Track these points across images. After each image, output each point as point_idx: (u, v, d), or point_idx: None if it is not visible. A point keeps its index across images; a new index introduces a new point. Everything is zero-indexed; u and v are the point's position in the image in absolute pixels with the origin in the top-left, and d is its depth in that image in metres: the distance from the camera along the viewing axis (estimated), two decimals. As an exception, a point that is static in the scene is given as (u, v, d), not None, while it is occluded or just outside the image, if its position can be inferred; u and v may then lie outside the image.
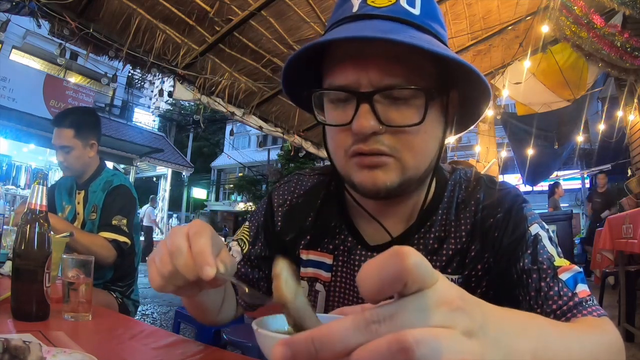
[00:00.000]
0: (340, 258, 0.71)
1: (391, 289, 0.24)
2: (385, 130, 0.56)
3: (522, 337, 0.31)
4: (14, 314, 0.85)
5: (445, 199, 0.68)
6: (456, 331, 0.25)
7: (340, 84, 0.57)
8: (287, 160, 17.46)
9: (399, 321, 0.24)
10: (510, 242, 0.61)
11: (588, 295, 0.56)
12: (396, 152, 0.57)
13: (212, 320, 0.73)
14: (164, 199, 13.53)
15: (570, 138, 5.74)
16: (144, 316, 4.20)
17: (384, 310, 0.24)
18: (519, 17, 4.03)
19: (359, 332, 0.24)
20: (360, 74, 0.55)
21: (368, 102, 0.54)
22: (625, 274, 2.84)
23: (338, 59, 0.57)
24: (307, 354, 0.24)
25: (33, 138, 9.13)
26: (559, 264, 0.58)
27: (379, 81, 0.54)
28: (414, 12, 0.57)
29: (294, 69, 0.62)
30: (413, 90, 0.55)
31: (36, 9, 2.64)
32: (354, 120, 0.55)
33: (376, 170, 0.57)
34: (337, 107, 0.60)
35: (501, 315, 0.31)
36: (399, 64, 0.55)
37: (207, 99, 3.84)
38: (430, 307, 0.25)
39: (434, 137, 0.60)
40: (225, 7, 3.20)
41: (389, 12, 0.56)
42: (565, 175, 9.74)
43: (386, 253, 0.25)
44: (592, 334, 0.47)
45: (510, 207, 0.64)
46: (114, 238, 1.70)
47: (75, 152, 1.81)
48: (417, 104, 0.56)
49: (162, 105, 16.00)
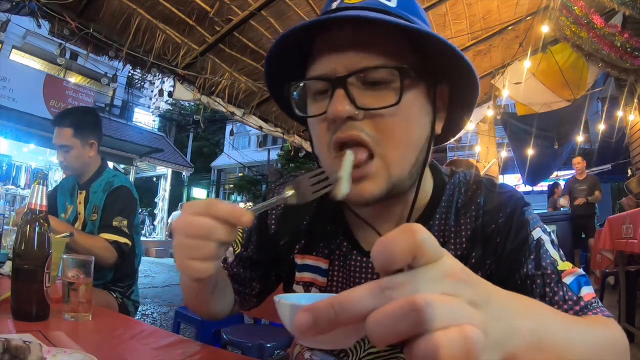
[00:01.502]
0: (336, 263, 0.70)
1: (402, 261, 0.27)
2: (363, 116, 0.54)
3: (522, 317, 0.32)
4: (14, 314, 0.85)
5: (444, 203, 0.66)
6: (462, 299, 0.27)
7: (317, 73, 0.57)
8: (287, 160, 17.46)
9: (410, 287, 0.26)
10: (512, 248, 0.60)
11: (593, 297, 0.56)
12: (377, 146, 0.55)
13: (212, 312, 0.72)
14: (164, 199, 13.53)
15: (570, 138, 5.74)
16: (144, 316, 4.20)
17: (396, 278, 0.27)
18: (519, 17, 4.03)
19: (374, 297, 0.26)
20: (336, 61, 0.55)
21: (342, 87, 0.54)
22: (625, 274, 2.84)
23: (317, 52, 0.58)
24: (327, 318, 0.27)
25: (33, 138, 9.14)
26: (562, 268, 0.58)
27: (354, 65, 0.54)
28: (389, 4, 0.57)
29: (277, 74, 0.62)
30: (389, 72, 0.54)
31: (36, 9, 2.65)
32: (329, 106, 0.54)
33: (362, 182, 0.56)
34: (316, 100, 0.59)
35: (504, 294, 0.32)
36: (375, 47, 0.54)
37: (207, 99, 3.84)
38: (438, 277, 0.27)
39: (418, 125, 0.58)
40: (225, 7, 3.20)
41: (364, 4, 0.56)
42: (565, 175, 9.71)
43: (397, 229, 0.27)
44: (596, 329, 0.46)
45: (512, 212, 0.62)
46: (115, 239, 1.70)
47: (74, 152, 1.81)
48: (394, 87, 0.54)
49: (162, 105, 16.02)
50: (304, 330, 0.27)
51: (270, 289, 0.81)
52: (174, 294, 5.45)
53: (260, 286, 0.79)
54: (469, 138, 6.26)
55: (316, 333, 0.27)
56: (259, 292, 0.79)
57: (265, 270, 0.78)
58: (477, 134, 6.07)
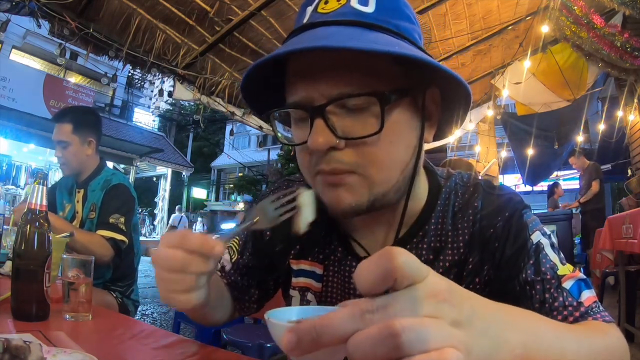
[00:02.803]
0: (330, 268, 0.69)
1: (383, 285, 0.27)
2: (345, 145, 0.52)
3: (512, 330, 0.32)
4: (14, 314, 0.85)
5: (440, 207, 0.64)
6: (443, 321, 0.27)
7: (294, 100, 0.54)
8: (287, 160, 17.46)
9: (390, 311, 0.26)
10: (511, 253, 0.58)
11: (594, 301, 0.55)
12: (359, 168, 0.53)
13: (211, 322, 0.73)
14: (164, 199, 13.54)
15: (570, 138, 5.74)
16: (144, 316, 4.20)
17: (377, 301, 0.27)
18: (519, 17, 4.03)
19: (355, 320, 0.27)
20: (309, 89, 0.52)
21: (321, 116, 0.51)
22: (625, 274, 2.84)
23: (291, 77, 0.55)
24: (310, 339, 0.27)
25: (33, 138, 9.15)
26: (562, 272, 0.56)
27: (330, 92, 0.51)
28: (366, 10, 0.53)
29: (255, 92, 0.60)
30: (367, 97, 0.50)
31: (36, 9, 2.65)
32: (309, 137, 0.52)
33: (339, 189, 0.54)
34: (298, 126, 0.56)
35: (491, 308, 0.32)
36: (350, 71, 0.50)
37: (207, 99, 3.84)
38: (419, 299, 0.27)
39: (403, 145, 0.55)
40: (225, 7, 3.21)
41: (337, 16, 0.52)
42: (565, 175, 9.73)
43: (377, 254, 0.28)
44: (592, 336, 0.46)
45: (511, 215, 0.60)
46: (111, 236, 1.69)
47: (72, 148, 1.81)
48: (375, 112, 0.51)
49: (162, 105, 15.98)
50: (290, 350, 0.28)
51: (269, 295, 0.81)
52: (174, 294, 5.44)
53: (259, 293, 0.78)
54: (469, 138, 6.26)
55: (301, 353, 0.28)
56: (258, 299, 0.79)
57: (262, 276, 0.77)
58: (477, 134, 6.07)
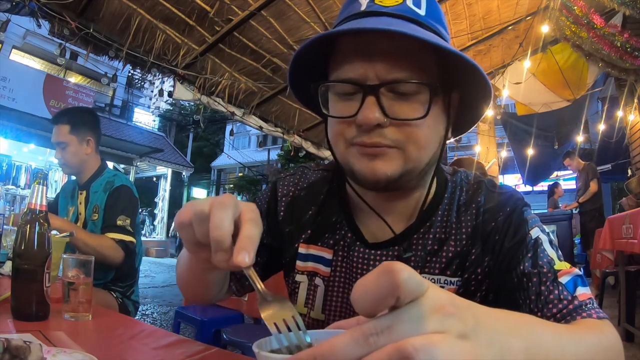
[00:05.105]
0: (340, 253, 0.71)
1: (385, 305, 0.26)
2: (390, 124, 0.57)
3: (514, 336, 0.32)
4: (14, 314, 0.85)
5: (446, 200, 0.68)
6: (450, 335, 0.26)
7: (348, 76, 0.58)
8: (287, 160, 17.44)
9: (396, 332, 0.25)
10: (511, 246, 0.62)
11: (588, 297, 0.56)
12: (399, 144, 0.58)
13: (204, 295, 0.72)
14: (164, 199, 13.53)
15: (570, 138, 5.74)
16: (144, 316, 4.20)
17: (380, 322, 0.25)
18: (519, 17, 4.03)
19: (359, 345, 0.25)
20: (367, 68, 0.56)
21: (374, 95, 0.56)
22: (625, 274, 2.84)
23: (346, 53, 0.59)
24: None
25: (33, 138, 9.14)
26: (559, 267, 0.58)
27: (385, 75, 0.56)
28: (419, 12, 0.59)
29: (300, 63, 0.63)
30: (417, 85, 0.56)
31: (36, 9, 2.65)
32: (360, 111, 0.56)
33: (376, 159, 0.58)
34: (342, 100, 0.60)
35: (493, 316, 0.32)
36: (405, 59, 0.56)
37: (207, 99, 3.84)
38: (423, 316, 0.26)
39: (436, 133, 0.61)
40: (225, 7, 3.21)
41: (396, 10, 0.58)
42: (565, 175, 9.72)
43: (377, 271, 0.26)
44: (589, 335, 0.46)
45: (512, 211, 0.64)
46: (121, 238, 1.70)
47: (71, 148, 1.81)
48: (421, 99, 0.57)
49: (162, 105, 16.01)
50: None
51: (266, 276, 0.80)
52: (174, 294, 5.45)
53: (262, 272, 0.78)
54: (469, 138, 6.26)
55: None
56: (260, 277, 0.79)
57: (269, 255, 0.78)
58: (477, 134, 6.07)
